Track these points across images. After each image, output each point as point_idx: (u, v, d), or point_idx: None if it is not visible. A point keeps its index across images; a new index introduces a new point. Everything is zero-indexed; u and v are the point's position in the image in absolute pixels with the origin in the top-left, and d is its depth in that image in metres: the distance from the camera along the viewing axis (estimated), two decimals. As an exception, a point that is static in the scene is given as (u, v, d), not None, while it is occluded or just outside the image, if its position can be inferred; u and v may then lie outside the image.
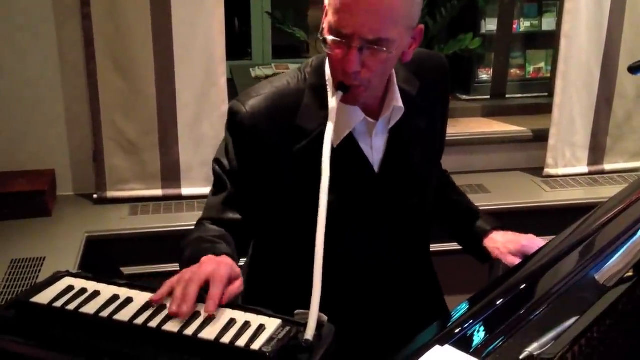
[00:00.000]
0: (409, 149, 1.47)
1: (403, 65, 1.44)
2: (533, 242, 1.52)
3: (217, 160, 1.46)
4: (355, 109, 1.39)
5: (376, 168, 1.45)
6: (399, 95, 1.41)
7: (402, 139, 1.46)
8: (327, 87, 1.40)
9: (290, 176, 1.39)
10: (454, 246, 1.72)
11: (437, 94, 1.54)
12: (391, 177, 1.46)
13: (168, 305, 1.05)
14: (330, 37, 1.29)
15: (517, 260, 1.49)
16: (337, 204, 1.18)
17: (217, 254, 1.23)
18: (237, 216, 1.42)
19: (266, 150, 1.39)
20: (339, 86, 1.32)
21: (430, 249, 1.64)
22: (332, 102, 1.31)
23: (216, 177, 1.46)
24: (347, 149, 1.40)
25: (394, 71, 1.41)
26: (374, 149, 1.44)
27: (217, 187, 1.46)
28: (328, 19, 1.29)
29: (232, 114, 1.41)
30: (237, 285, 1.15)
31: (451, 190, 1.72)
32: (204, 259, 1.19)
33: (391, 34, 1.27)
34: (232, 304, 1.09)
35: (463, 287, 1.57)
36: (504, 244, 1.54)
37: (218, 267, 1.14)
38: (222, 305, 1.08)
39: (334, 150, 1.28)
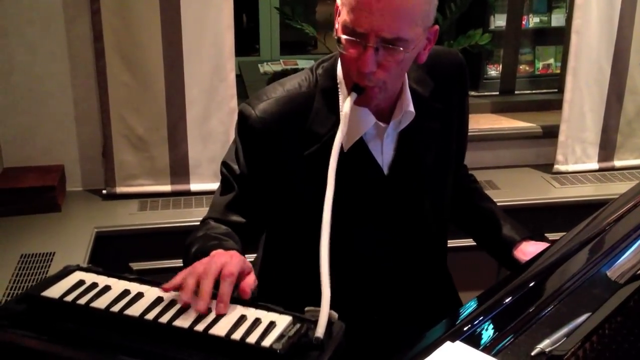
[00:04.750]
0: (420, 152, 1.45)
1: (416, 66, 1.41)
2: None
3: (225, 163, 1.45)
4: (366, 113, 1.37)
5: (386, 171, 1.43)
6: (410, 99, 1.39)
7: (412, 142, 1.44)
8: (339, 90, 1.38)
9: (301, 180, 1.38)
10: (465, 242, 1.71)
11: (454, 93, 1.51)
12: (401, 180, 1.44)
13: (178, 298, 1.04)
14: (344, 37, 1.26)
15: None
16: (347, 207, 1.17)
17: (226, 249, 1.23)
18: (241, 219, 1.41)
19: (277, 155, 1.38)
20: (353, 88, 1.29)
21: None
22: (346, 106, 1.27)
23: (224, 178, 1.45)
24: (357, 153, 1.39)
25: (406, 73, 1.39)
26: (384, 152, 1.43)
27: (224, 188, 1.45)
28: (342, 18, 1.27)
29: (243, 118, 1.39)
30: (253, 279, 1.14)
31: (477, 196, 1.67)
32: (214, 252, 1.18)
33: (409, 34, 1.24)
34: (246, 300, 1.09)
35: (475, 283, 1.56)
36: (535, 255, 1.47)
37: (230, 259, 1.12)
38: (236, 301, 1.08)
39: (344, 155, 1.27)
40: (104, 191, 2.63)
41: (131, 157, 2.61)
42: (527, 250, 1.51)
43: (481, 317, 1.13)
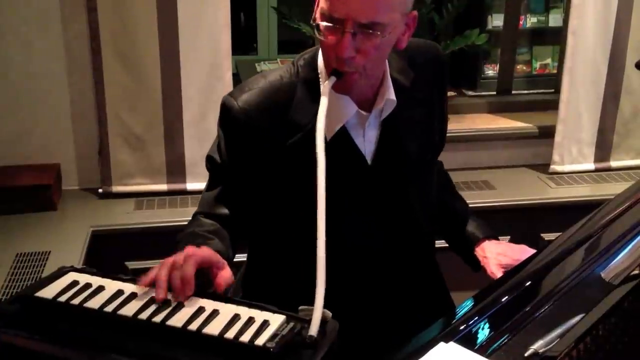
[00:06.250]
0: (403, 141, 1.46)
1: (397, 56, 1.43)
2: (526, 254, 1.47)
3: (209, 157, 1.46)
4: (348, 102, 1.38)
5: (369, 160, 1.44)
6: (392, 88, 1.41)
7: (395, 131, 1.45)
8: (320, 80, 1.39)
9: (284, 171, 1.39)
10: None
11: (434, 85, 1.52)
12: (384, 169, 1.45)
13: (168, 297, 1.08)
14: (322, 23, 1.28)
15: (500, 273, 1.46)
16: (331, 197, 1.18)
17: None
18: (228, 212, 1.42)
19: (259, 145, 1.38)
20: (332, 72, 1.31)
21: (436, 245, 1.63)
22: (325, 87, 1.29)
23: (210, 171, 1.47)
24: (339, 142, 1.40)
25: (387, 62, 1.40)
26: (367, 141, 1.43)
27: (210, 181, 1.47)
28: (320, 5, 1.29)
29: (225, 110, 1.40)
30: (229, 274, 1.16)
31: (447, 191, 1.69)
32: (187, 248, 1.21)
33: (385, 18, 1.26)
34: (232, 299, 1.09)
35: (470, 283, 1.56)
36: (496, 256, 1.51)
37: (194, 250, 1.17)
38: (229, 300, 1.08)
39: (327, 144, 1.28)
40: (100, 190, 2.63)
41: (127, 156, 2.61)
42: (489, 249, 1.54)
43: (476, 317, 1.13)
